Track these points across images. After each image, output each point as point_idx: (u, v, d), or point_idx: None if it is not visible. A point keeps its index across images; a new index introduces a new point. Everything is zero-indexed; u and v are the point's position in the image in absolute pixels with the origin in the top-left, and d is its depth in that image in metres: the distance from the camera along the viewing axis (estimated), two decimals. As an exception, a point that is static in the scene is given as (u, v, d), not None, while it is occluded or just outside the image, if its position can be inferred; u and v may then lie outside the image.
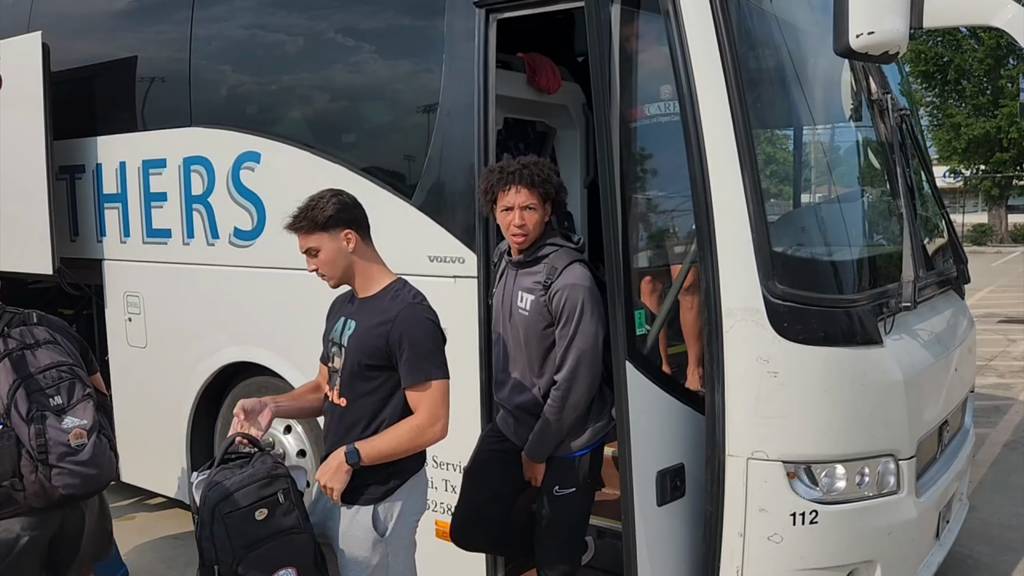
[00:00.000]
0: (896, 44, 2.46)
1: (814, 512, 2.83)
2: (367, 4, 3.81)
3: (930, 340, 3.29)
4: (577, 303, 2.75)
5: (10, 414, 2.49)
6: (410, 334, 2.44)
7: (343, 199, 2.58)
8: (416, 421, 2.46)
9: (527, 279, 2.90)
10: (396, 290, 2.57)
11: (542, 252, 2.88)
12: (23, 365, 2.54)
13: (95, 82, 4.93)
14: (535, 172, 2.81)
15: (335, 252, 2.54)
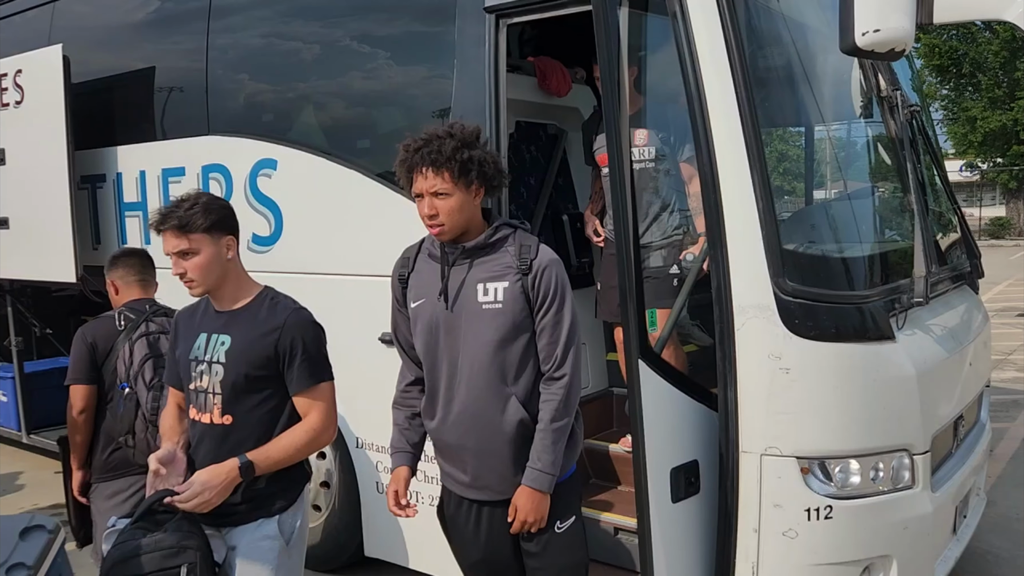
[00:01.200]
0: (902, 41, 2.47)
1: (828, 507, 2.85)
2: (379, 11, 3.86)
3: (943, 335, 3.30)
4: (562, 282, 2.41)
5: (136, 381, 3.14)
6: (302, 339, 2.43)
7: (225, 204, 2.53)
8: (311, 424, 2.44)
9: (486, 268, 2.41)
10: (271, 298, 2.52)
11: (500, 234, 2.43)
12: (157, 346, 3.18)
13: (115, 93, 5.02)
14: (437, 150, 2.30)
15: (213, 257, 2.43)
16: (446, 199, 2.32)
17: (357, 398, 3.88)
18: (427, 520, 2.90)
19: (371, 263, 3.73)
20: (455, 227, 2.38)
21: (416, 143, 2.36)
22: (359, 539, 4.05)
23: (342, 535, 4.11)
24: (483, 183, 2.38)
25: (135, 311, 3.28)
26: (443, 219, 2.35)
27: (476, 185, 2.36)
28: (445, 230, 2.37)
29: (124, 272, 3.39)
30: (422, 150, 2.33)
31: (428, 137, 2.35)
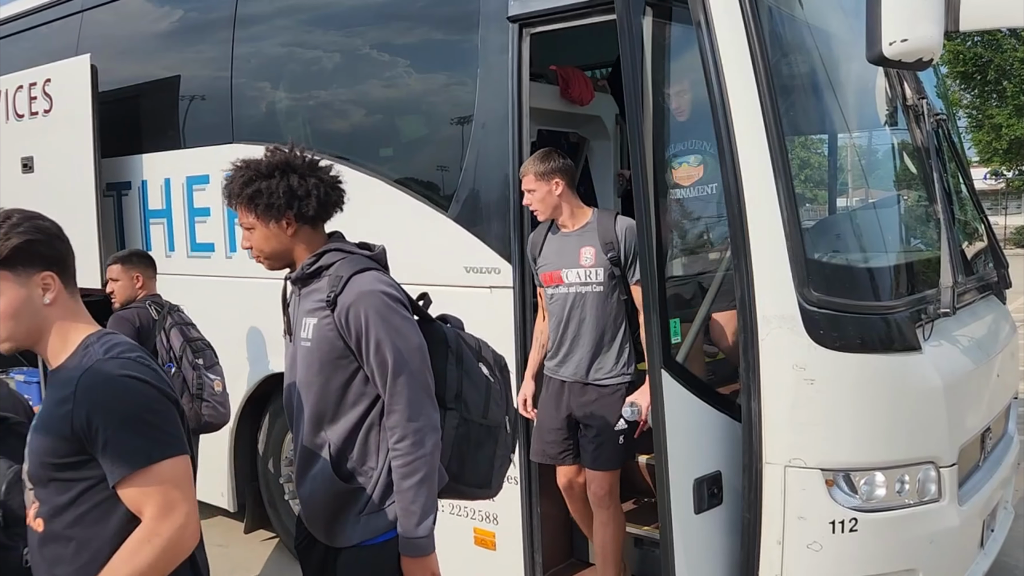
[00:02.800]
0: (930, 51, 2.45)
1: (854, 520, 2.81)
2: (403, 20, 3.89)
3: (970, 346, 3.26)
4: (380, 318, 2.10)
5: (181, 362, 3.70)
6: (102, 407, 1.62)
7: (42, 225, 1.79)
8: (146, 527, 1.63)
9: (310, 300, 2.21)
10: (86, 347, 1.73)
11: (322, 262, 2.22)
12: (188, 333, 3.78)
13: (141, 102, 5.08)
14: (229, 184, 2.23)
15: (19, 303, 1.72)
16: (251, 232, 2.24)
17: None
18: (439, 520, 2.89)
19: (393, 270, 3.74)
20: (272, 258, 2.26)
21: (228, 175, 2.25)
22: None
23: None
24: (278, 214, 2.17)
25: (158, 304, 3.86)
26: (256, 251, 2.26)
27: (274, 217, 2.18)
28: (263, 261, 2.28)
29: (146, 268, 3.99)
30: (225, 187, 2.25)
31: (232, 175, 2.24)
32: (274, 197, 2.15)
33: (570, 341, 3.36)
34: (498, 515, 3.55)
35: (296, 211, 2.18)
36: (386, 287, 2.17)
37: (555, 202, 3.33)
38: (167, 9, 4.92)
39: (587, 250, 3.33)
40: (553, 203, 3.33)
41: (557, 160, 3.32)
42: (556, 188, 3.31)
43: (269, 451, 4.51)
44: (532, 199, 3.32)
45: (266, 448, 4.53)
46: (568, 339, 3.37)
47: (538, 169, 3.28)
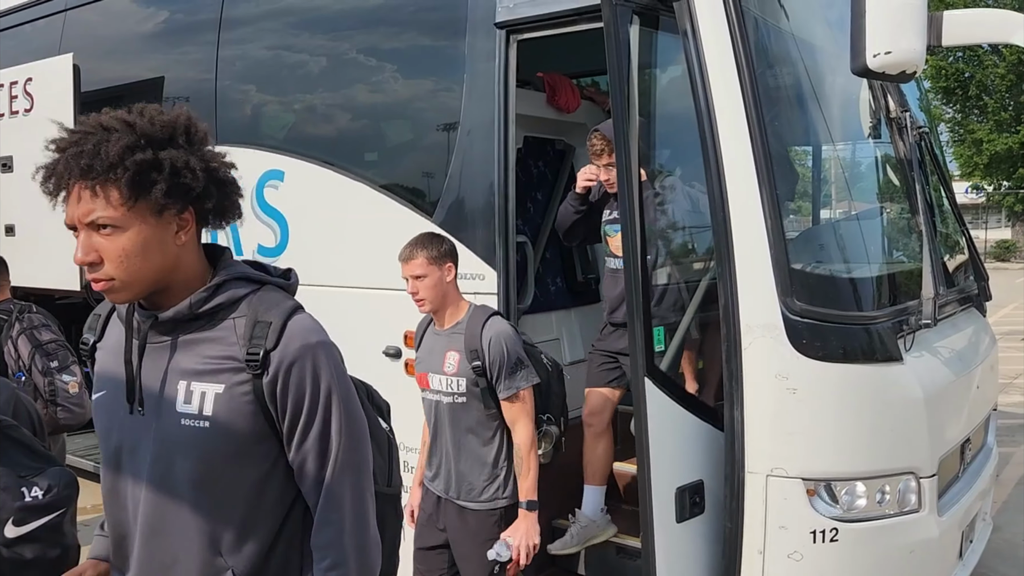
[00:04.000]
0: (913, 64, 2.47)
1: (834, 530, 2.82)
2: (389, 25, 3.88)
3: (951, 357, 3.28)
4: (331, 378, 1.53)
5: (31, 370, 3.57)
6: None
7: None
8: None
9: (195, 354, 1.51)
10: None
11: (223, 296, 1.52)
12: (37, 337, 3.62)
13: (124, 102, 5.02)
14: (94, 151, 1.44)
15: None
16: (113, 235, 1.43)
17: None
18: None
19: (377, 275, 3.73)
20: (135, 282, 1.46)
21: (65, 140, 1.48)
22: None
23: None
24: (183, 203, 1.47)
25: (4, 312, 3.72)
26: (110, 269, 1.43)
27: (171, 208, 1.46)
28: (116, 286, 1.45)
29: (2, 274, 3.89)
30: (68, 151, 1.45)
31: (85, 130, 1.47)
32: (186, 176, 1.45)
33: (440, 453, 3.03)
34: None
35: (199, 205, 1.49)
36: (325, 336, 1.57)
37: (446, 290, 2.96)
38: (151, 10, 4.89)
39: (452, 355, 2.94)
40: (444, 291, 2.95)
41: (447, 242, 2.99)
42: (448, 274, 2.95)
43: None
44: (420, 287, 2.91)
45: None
46: (437, 451, 3.04)
47: (430, 252, 2.91)
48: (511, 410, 2.91)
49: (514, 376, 2.88)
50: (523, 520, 2.89)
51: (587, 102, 4.56)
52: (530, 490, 2.90)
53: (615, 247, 3.51)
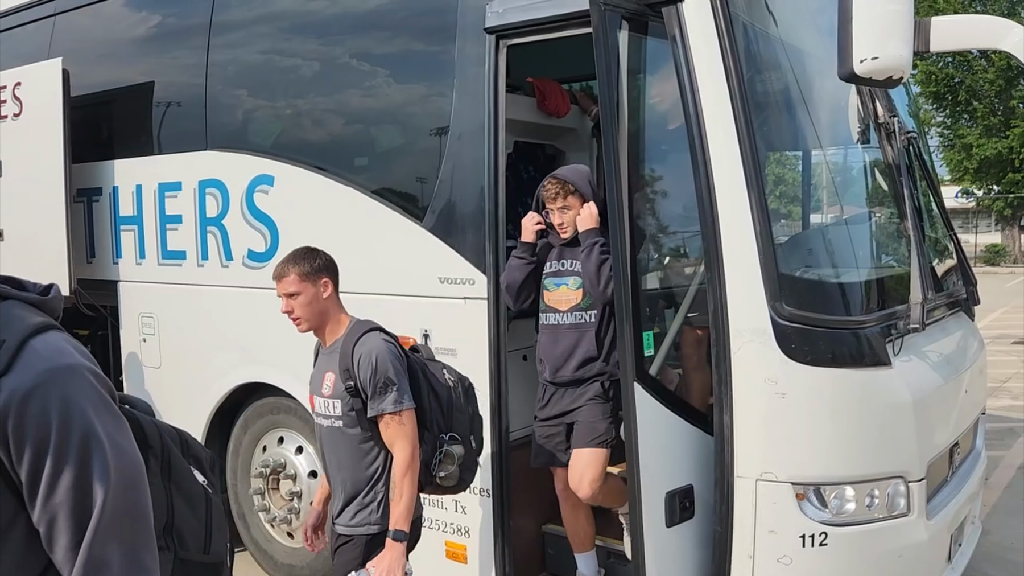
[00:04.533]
0: (899, 69, 2.49)
1: (824, 534, 2.83)
2: (379, 30, 3.88)
3: (939, 362, 3.30)
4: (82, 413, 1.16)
5: None
6: None
7: None
8: None
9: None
10: None
11: None
12: None
13: (113, 107, 5.03)
14: None
15: None
16: None
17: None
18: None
19: (367, 281, 3.72)
20: None
21: None
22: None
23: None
24: None
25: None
26: None
27: None
28: None
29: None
30: None
31: None
32: None
33: (331, 478, 2.91)
34: (470, 528, 3.52)
35: None
36: (85, 358, 1.22)
37: (323, 308, 2.80)
38: (141, 14, 4.87)
39: (329, 376, 2.81)
40: (321, 309, 2.79)
41: (323, 257, 2.84)
42: (324, 290, 2.79)
43: (238, 463, 4.45)
44: (294, 305, 2.77)
45: (235, 460, 4.47)
46: (329, 475, 2.93)
47: (302, 268, 2.76)
48: (386, 432, 2.72)
49: (381, 397, 2.67)
50: (388, 551, 2.69)
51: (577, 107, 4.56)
52: (400, 519, 2.68)
53: (554, 301, 3.36)
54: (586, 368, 3.28)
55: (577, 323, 3.31)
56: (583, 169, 3.47)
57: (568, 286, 3.35)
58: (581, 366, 3.28)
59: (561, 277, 3.37)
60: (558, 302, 3.36)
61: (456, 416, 2.91)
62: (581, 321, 3.31)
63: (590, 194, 3.32)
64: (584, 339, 3.29)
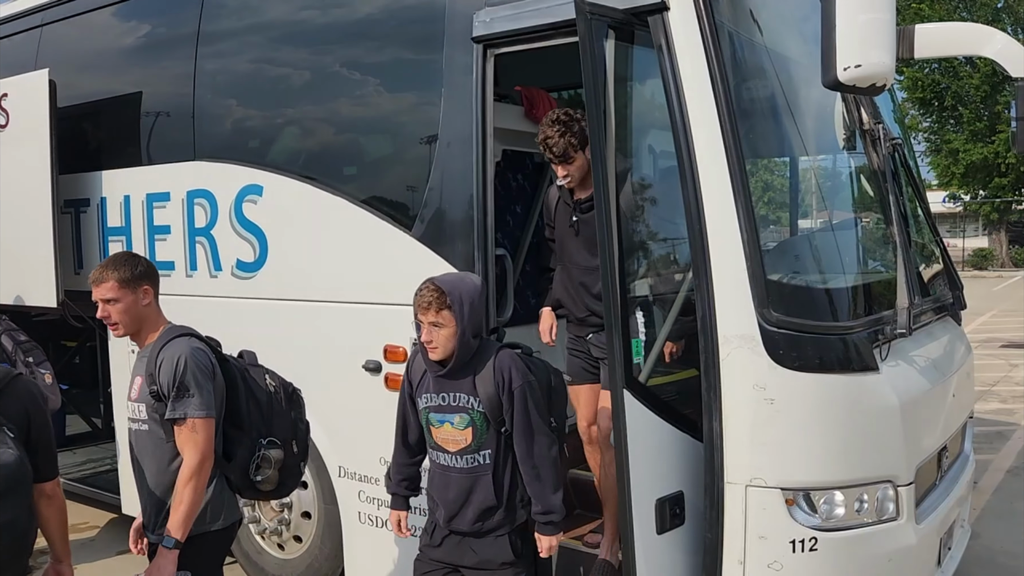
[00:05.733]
0: (883, 77, 2.51)
1: (813, 539, 2.83)
2: (367, 39, 3.89)
3: (926, 366, 3.31)
4: None
5: (15, 363, 4.15)
6: None
7: None
8: None
9: None
10: None
11: None
12: (15, 338, 4.35)
13: (101, 118, 5.02)
14: None
15: None
16: None
17: (340, 426, 3.86)
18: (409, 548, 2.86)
19: (356, 290, 3.72)
20: None
21: None
22: (341, 569, 4.00)
23: (324, 565, 4.06)
24: None
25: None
26: None
27: None
28: None
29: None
30: None
31: None
32: None
33: (138, 484, 2.86)
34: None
35: None
36: None
37: (142, 315, 2.78)
38: (128, 24, 4.87)
39: (137, 379, 2.79)
40: (139, 316, 2.77)
41: (143, 264, 2.82)
42: (144, 297, 2.77)
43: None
44: (111, 311, 2.74)
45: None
46: (137, 481, 2.87)
47: (122, 275, 2.72)
48: (178, 438, 2.68)
49: (177, 402, 2.65)
50: (159, 558, 2.62)
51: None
52: (176, 526, 2.61)
53: (441, 440, 2.86)
54: (486, 520, 2.82)
55: (470, 468, 2.83)
56: (471, 282, 2.86)
57: (454, 424, 2.84)
58: (479, 518, 2.82)
59: (444, 413, 2.84)
60: (445, 442, 2.86)
61: (276, 420, 2.91)
62: (474, 465, 2.82)
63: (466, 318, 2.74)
64: (479, 485, 2.81)
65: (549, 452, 2.80)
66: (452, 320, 2.72)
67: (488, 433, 2.81)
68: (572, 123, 3.36)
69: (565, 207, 3.64)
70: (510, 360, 2.80)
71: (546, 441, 2.80)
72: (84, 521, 5.50)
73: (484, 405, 2.77)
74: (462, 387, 2.81)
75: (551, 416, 2.90)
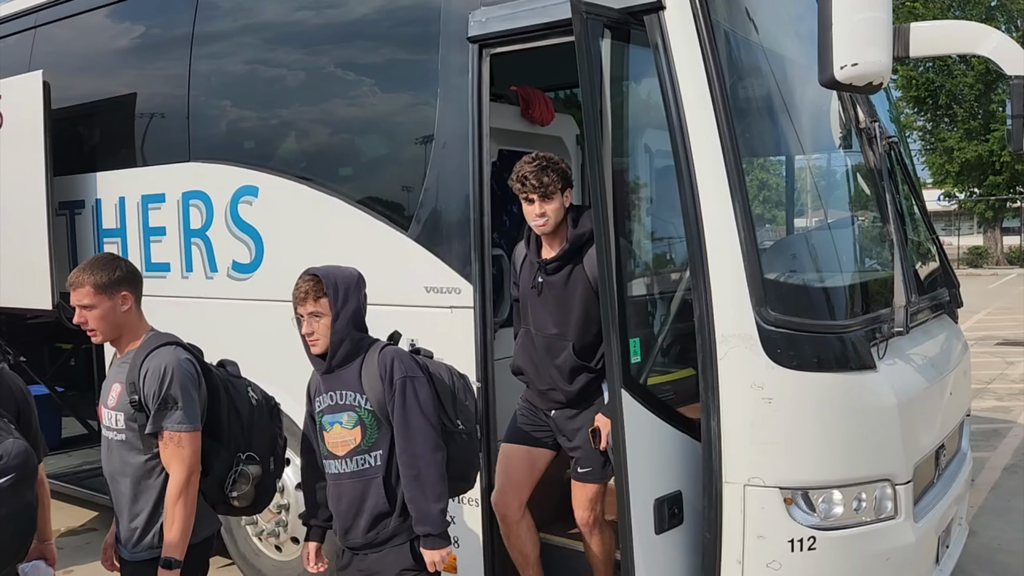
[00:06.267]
0: (880, 75, 2.51)
1: (812, 538, 2.83)
2: (363, 39, 3.88)
3: (924, 364, 3.31)
4: None
5: None
6: None
7: None
8: None
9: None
10: None
11: None
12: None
13: (95, 119, 5.00)
14: None
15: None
16: None
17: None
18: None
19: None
20: None
21: None
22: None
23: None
24: None
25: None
26: None
27: None
28: None
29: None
30: None
31: None
32: None
33: (114, 497, 2.74)
34: (459, 537, 3.51)
35: None
36: None
37: (121, 321, 2.66)
38: (122, 25, 4.85)
39: (115, 387, 2.67)
40: (118, 322, 2.66)
41: (123, 267, 2.69)
42: (123, 304, 2.66)
43: (225, 475, 4.41)
44: (88, 317, 2.62)
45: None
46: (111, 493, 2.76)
47: (99, 279, 2.60)
48: (164, 452, 2.58)
49: (162, 414, 2.54)
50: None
51: (561, 114, 4.58)
52: (173, 546, 2.55)
53: (332, 445, 2.73)
54: (380, 528, 2.69)
55: (359, 471, 2.69)
56: (348, 271, 2.79)
57: (343, 424, 2.69)
58: (372, 526, 2.69)
59: (334, 413, 2.71)
60: (335, 446, 2.71)
61: (257, 435, 2.78)
62: (364, 467, 2.68)
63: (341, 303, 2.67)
64: (371, 490, 2.68)
65: (433, 455, 2.62)
66: (329, 307, 2.66)
67: (379, 433, 2.67)
68: (553, 163, 3.18)
69: (531, 266, 3.31)
70: (394, 353, 2.70)
71: (429, 442, 2.62)
72: (81, 523, 5.48)
73: (371, 402, 2.66)
74: (349, 384, 2.70)
75: (457, 418, 2.76)
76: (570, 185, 3.20)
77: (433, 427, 2.66)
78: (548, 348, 3.25)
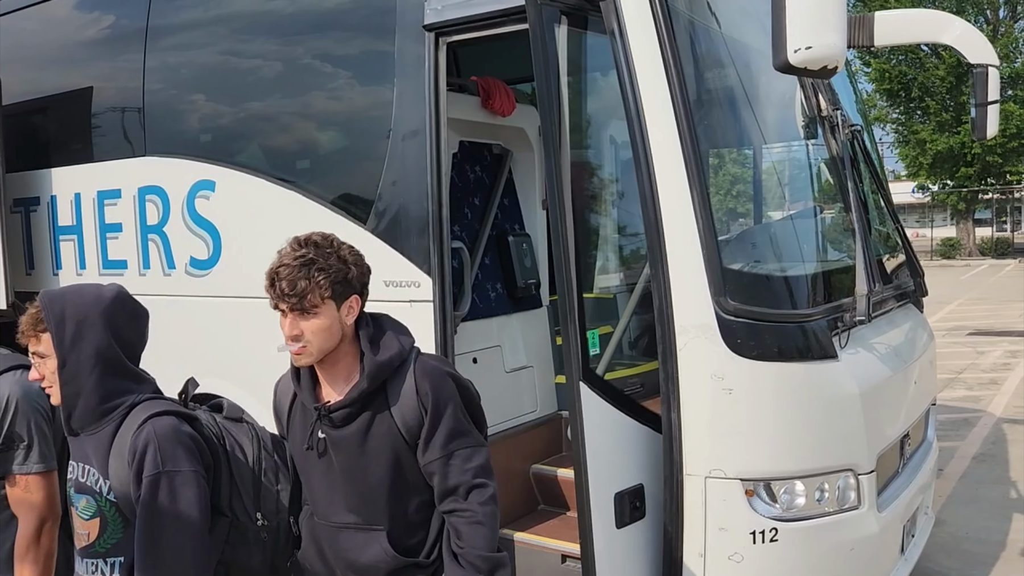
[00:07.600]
0: (834, 58, 2.47)
1: (774, 530, 2.80)
2: (317, 30, 3.80)
3: (887, 353, 3.30)
4: None
5: None
6: None
7: None
8: None
9: None
10: None
11: None
12: None
13: (49, 114, 4.88)
14: None
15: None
16: None
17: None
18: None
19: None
20: None
21: None
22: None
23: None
24: None
25: None
26: None
27: None
28: None
29: None
30: None
31: None
32: None
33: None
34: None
35: None
36: None
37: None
38: (76, 19, 4.74)
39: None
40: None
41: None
42: None
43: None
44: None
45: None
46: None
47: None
48: (11, 497, 2.27)
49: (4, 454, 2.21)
50: None
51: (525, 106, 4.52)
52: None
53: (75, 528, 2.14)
54: None
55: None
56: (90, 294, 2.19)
57: (79, 510, 2.08)
58: None
59: (79, 492, 2.10)
60: (77, 535, 2.12)
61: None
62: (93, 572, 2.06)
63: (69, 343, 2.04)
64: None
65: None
66: (52, 350, 2.02)
67: (124, 535, 1.99)
68: (327, 255, 2.17)
69: (304, 415, 2.19)
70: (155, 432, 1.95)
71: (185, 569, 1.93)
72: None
73: (115, 492, 1.97)
74: (94, 457, 2.02)
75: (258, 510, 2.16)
76: (355, 291, 2.21)
77: (193, 545, 1.94)
78: (346, 544, 2.12)
